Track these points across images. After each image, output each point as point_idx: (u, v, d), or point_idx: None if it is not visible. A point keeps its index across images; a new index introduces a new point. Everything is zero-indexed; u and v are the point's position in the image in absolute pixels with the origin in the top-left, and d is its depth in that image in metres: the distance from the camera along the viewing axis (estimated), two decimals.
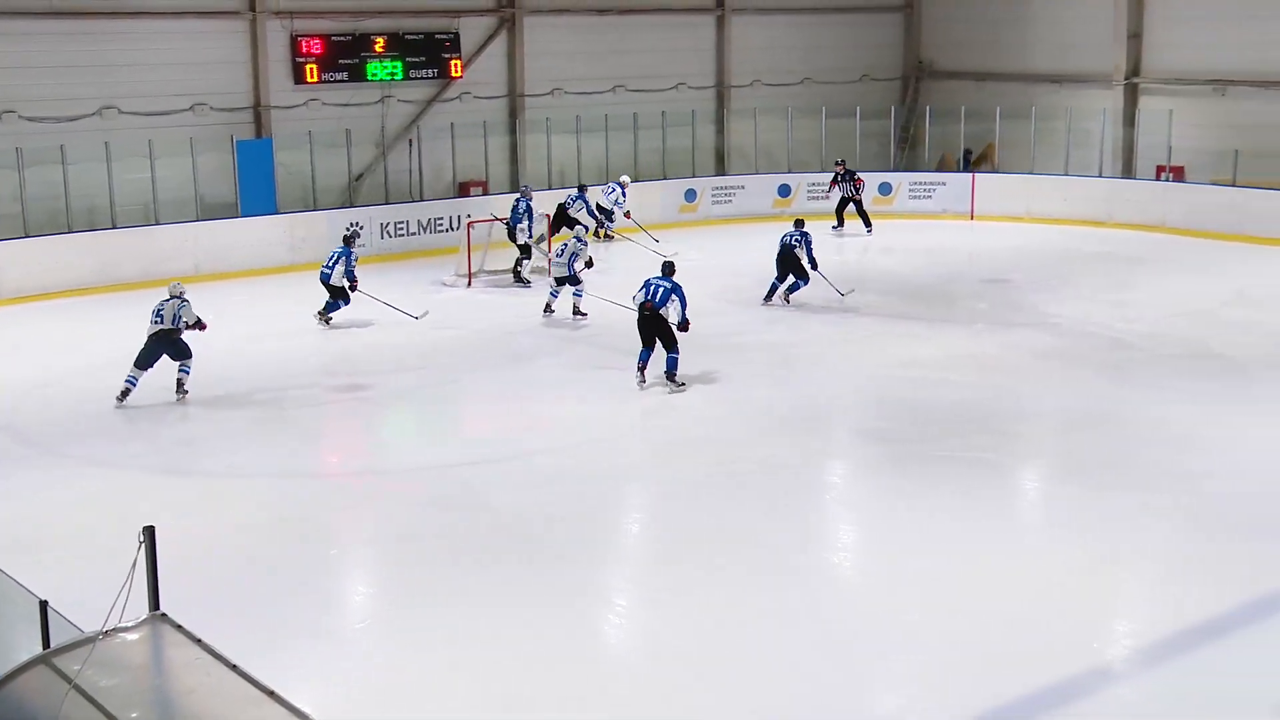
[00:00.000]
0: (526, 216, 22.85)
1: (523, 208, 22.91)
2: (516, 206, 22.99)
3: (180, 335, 15.76)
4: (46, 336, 19.44)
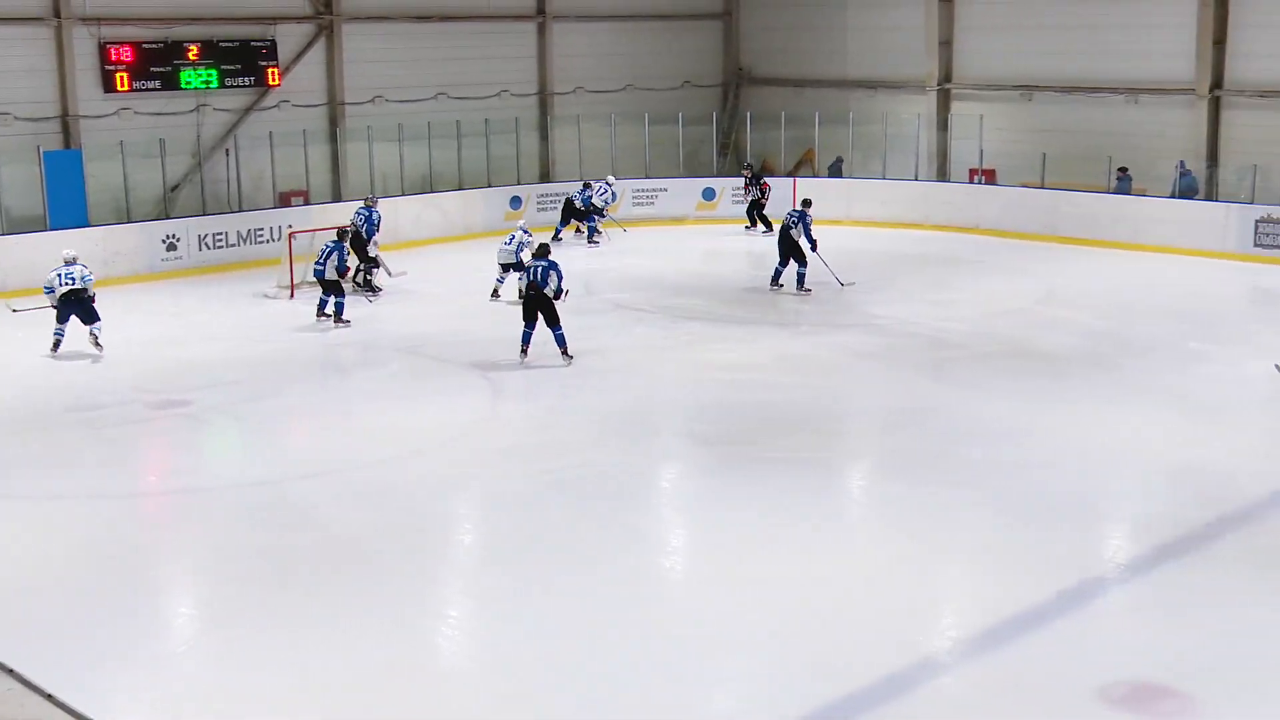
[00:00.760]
0: (375, 228, 22.48)
1: (369, 219, 22.48)
2: (370, 216, 22.55)
3: (88, 297, 18.00)
4: None
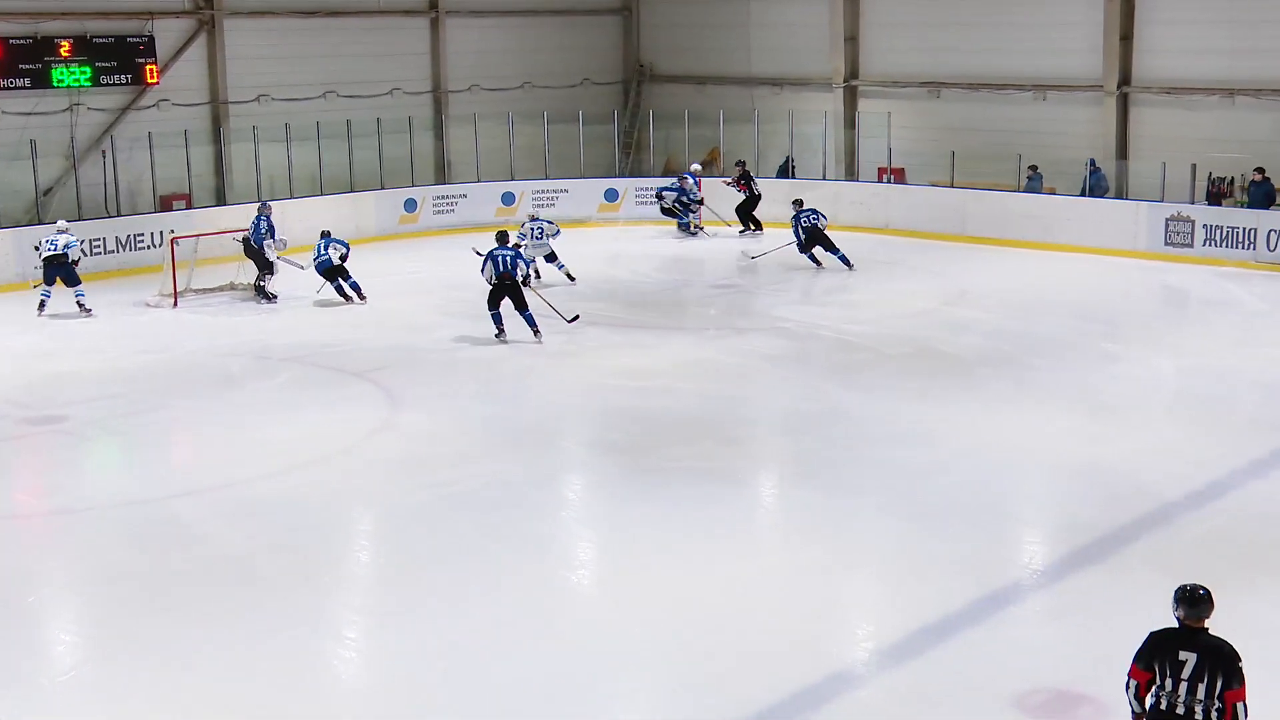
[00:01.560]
0: (269, 232, 21.69)
1: (256, 226, 21.68)
2: (259, 223, 21.71)
3: (69, 263, 20.00)
4: None
